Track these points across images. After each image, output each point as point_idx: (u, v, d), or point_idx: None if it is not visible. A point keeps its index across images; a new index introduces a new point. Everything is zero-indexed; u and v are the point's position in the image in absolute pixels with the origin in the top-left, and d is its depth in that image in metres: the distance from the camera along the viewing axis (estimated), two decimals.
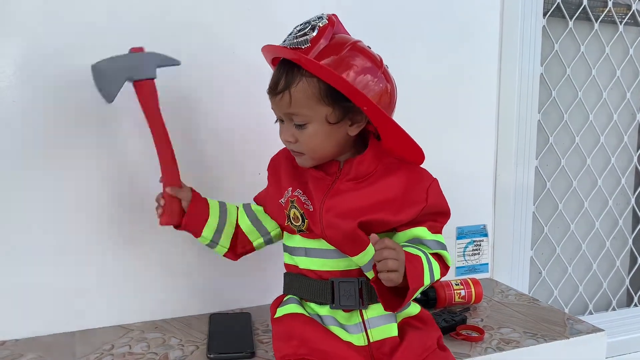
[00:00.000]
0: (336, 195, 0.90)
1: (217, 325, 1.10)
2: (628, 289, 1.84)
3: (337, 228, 0.89)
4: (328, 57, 0.84)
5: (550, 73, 1.59)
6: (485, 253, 1.49)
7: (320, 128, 0.87)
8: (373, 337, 0.90)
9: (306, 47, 0.84)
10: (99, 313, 1.12)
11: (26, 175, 1.04)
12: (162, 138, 0.97)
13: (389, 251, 0.79)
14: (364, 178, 0.91)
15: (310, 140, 0.88)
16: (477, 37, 1.41)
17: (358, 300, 0.91)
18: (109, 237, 1.11)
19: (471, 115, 1.43)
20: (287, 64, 0.86)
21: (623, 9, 1.67)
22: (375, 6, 1.27)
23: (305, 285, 0.94)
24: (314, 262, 0.94)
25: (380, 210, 0.89)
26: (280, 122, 0.92)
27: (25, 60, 1.02)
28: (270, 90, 0.88)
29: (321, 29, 0.85)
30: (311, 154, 0.90)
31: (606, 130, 1.71)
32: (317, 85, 0.84)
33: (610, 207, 1.75)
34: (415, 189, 0.91)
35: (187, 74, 1.12)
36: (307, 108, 0.86)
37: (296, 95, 0.85)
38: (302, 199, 0.92)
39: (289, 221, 0.94)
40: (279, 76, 0.87)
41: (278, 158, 1.00)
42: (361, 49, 0.87)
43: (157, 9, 1.10)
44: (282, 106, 0.87)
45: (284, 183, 0.95)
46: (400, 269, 0.80)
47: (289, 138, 0.89)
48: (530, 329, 1.14)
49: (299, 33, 0.85)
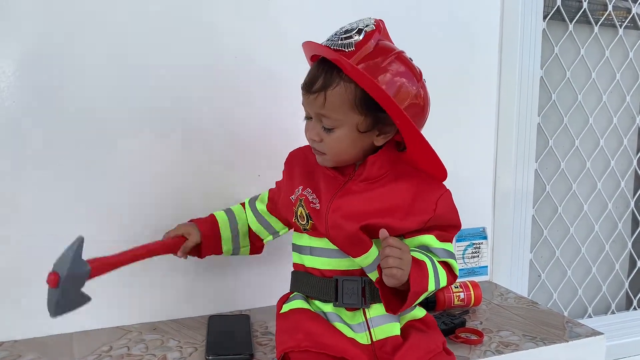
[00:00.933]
0: (345, 195, 0.90)
1: (215, 327, 1.10)
2: (627, 292, 1.84)
3: (341, 229, 0.89)
4: (370, 64, 0.83)
5: (550, 76, 1.59)
6: (485, 256, 1.49)
7: (348, 134, 0.87)
8: (376, 336, 0.90)
9: (350, 51, 0.83)
10: (97, 314, 1.11)
11: (25, 175, 1.04)
12: (140, 257, 0.94)
13: (391, 249, 0.80)
14: (376, 179, 0.91)
15: (336, 144, 0.88)
16: (477, 40, 1.41)
17: (361, 299, 0.92)
18: (108, 237, 1.10)
19: (471, 118, 1.43)
20: (327, 63, 0.85)
21: (623, 12, 1.68)
22: (374, 8, 1.27)
23: (310, 282, 0.95)
24: (318, 261, 0.94)
25: (386, 215, 0.89)
26: (308, 119, 0.91)
27: (25, 60, 1.02)
28: (305, 87, 0.87)
29: (368, 34, 0.84)
30: (333, 157, 0.90)
31: (606, 134, 1.71)
32: (353, 92, 0.84)
33: (609, 211, 1.76)
34: (424, 198, 0.90)
35: (190, 75, 1.13)
36: (340, 113, 0.85)
37: (331, 99, 0.84)
38: (310, 198, 0.92)
39: (296, 218, 0.94)
40: (316, 75, 0.85)
41: (296, 154, 1.01)
42: (404, 60, 0.87)
43: (158, 8, 1.10)
44: (315, 106, 0.86)
45: (296, 181, 0.96)
46: (404, 267, 0.80)
47: (314, 137, 0.89)
48: (529, 332, 1.14)
49: (344, 35, 0.84)
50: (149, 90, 1.10)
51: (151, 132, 1.11)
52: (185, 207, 1.12)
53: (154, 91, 1.11)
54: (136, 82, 1.09)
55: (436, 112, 1.36)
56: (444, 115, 1.37)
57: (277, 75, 1.18)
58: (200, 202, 1.14)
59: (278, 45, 1.17)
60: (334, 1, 1.21)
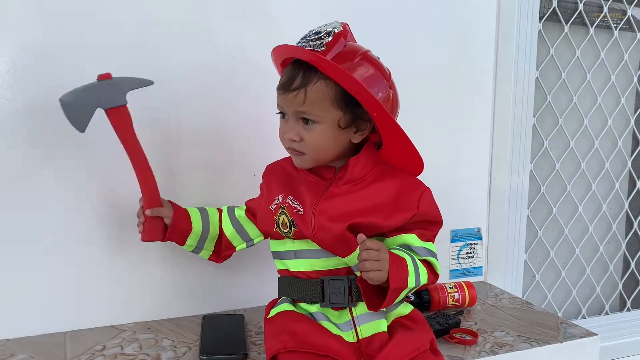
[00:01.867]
0: (330, 198, 0.92)
1: (209, 326, 1.10)
2: (621, 293, 1.85)
3: (328, 230, 0.90)
4: (341, 62, 0.85)
5: (545, 77, 1.60)
6: (480, 256, 1.50)
7: (328, 130, 0.89)
8: (362, 334, 0.91)
9: (322, 51, 0.85)
10: (91, 313, 1.11)
11: (18, 174, 1.03)
12: (139, 161, 0.96)
13: (368, 252, 0.82)
14: (358, 181, 0.92)
15: (316, 140, 0.89)
16: (473, 41, 1.41)
17: (347, 297, 0.92)
18: (101, 237, 1.10)
19: (467, 119, 1.43)
20: (302, 64, 0.87)
21: (618, 14, 1.68)
22: (371, 10, 1.27)
23: (296, 285, 0.96)
24: (303, 263, 0.95)
25: (371, 214, 0.90)
26: (283, 120, 0.92)
27: (19, 58, 1.02)
28: (283, 86, 0.89)
29: (336, 35, 0.87)
30: (313, 155, 0.91)
31: (601, 135, 1.72)
32: (333, 88, 0.86)
33: (604, 212, 1.76)
34: (407, 196, 0.93)
35: (184, 76, 1.12)
36: (320, 109, 0.87)
37: (312, 95, 0.86)
38: (293, 205, 0.93)
39: (277, 227, 0.95)
40: (294, 74, 0.88)
41: (274, 167, 1.02)
42: (371, 58, 0.90)
43: (154, 9, 1.09)
44: (295, 103, 0.88)
45: (274, 190, 0.97)
46: (382, 268, 0.82)
47: (293, 137, 0.90)
48: (523, 332, 1.14)
49: (314, 37, 0.87)
50: (144, 90, 1.10)
51: (146, 131, 1.10)
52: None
53: (149, 91, 1.10)
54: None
55: (432, 112, 1.38)
56: (440, 116, 1.38)
57: (274, 75, 1.17)
58: (198, 200, 1.13)
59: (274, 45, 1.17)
60: (330, 3, 1.22)
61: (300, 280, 0.95)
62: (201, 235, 1.04)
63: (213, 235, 1.05)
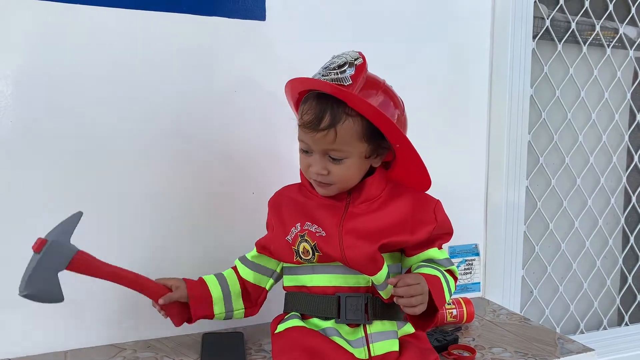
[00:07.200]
0: (353, 217, 0.92)
1: (209, 344, 1.10)
2: (619, 308, 1.85)
3: (359, 249, 0.90)
4: (367, 97, 0.85)
5: (540, 94, 1.62)
6: (477, 272, 1.50)
7: (356, 162, 0.90)
8: (375, 352, 0.92)
9: (348, 85, 0.84)
10: (91, 332, 1.11)
11: (21, 195, 1.04)
12: (128, 281, 0.95)
13: (414, 288, 0.84)
14: (374, 200, 0.94)
15: (345, 173, 0.90)
16: (468, 59, 1.43)
17: (364, 315, 0.93)
18: (101, 255, 1.10)
19: (463, 136, 1.45)
20: (328, 98, 0.85)
21: (611, 32, 1.71)
22: (368, 29, 1.29)
23: (309, 301, 0.95)
24: (322, 279, 0.95)
25: (398, 231, 0.92)
26: (306, 154, 0.91)
27: (23, 80, 1.03)
28: (311, 125, 0.86)
29: (358, 67, 0.86)
30: (341, 185, 0.92)
31: (595, 151, 1.73)
32: (361, 124, 0.86)
33: (600, 227, 1.77)
34: (422, 210, 0.95)
35: (189, 95, 1.14)
36: (349, 145, 0.88)
37: (342, 133, 0.86)
38: (313, 229, 0.92)
39: (298, 256, 0.94)
40: (322, 112, 0.85)
41: (278, 199, 1.01)
42: (389, 88, 0.92)
43: (160, 31, 1.11)
44: (324, 142, 0.87)
45: (288, 221, 0.96)
46: (425, 299, 0.85)
47: (321, 171, 0.89)
48: (521, 348, 1.15)
49: (339, 69, 0.85)
50: (147, 111, 1.11)
51: (149, 151, 1.12)
52: (180, 223, 1.14)
53: (153, 112, 1.12)
54: (136, 102, 1.10)
55: (428, 129, 1.40)
56: (436, 133, 1.40)
57: (274, 99, 1.19)
58: (198, 220, 1.15)
59: (275, 69, 1.19)
60: (332, 27, 1.24)
61: (314, 296, 0.95)
62: (224, 297, 1.01)
63: (236, 291, 1.02)
